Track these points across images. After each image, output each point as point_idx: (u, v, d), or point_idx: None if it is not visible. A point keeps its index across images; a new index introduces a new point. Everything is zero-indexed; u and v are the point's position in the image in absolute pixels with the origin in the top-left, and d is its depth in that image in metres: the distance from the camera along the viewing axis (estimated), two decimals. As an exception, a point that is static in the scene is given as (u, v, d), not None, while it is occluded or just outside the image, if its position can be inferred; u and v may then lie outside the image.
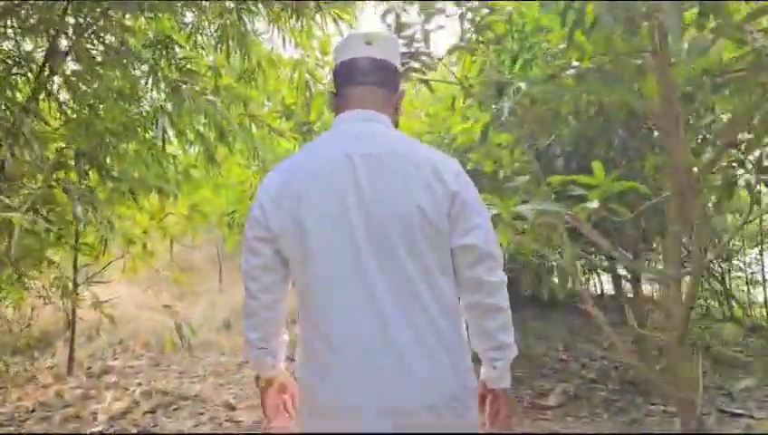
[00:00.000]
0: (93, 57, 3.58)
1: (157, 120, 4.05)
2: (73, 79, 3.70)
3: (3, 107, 3.26)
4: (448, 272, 1.28)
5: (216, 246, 8.98)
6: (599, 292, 8.94)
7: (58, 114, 4.04)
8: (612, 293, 6.76)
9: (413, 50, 2.68)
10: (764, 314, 6.59)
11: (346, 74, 1.38)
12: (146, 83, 4.03)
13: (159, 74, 3.91)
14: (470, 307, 1.30)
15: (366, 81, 1.36)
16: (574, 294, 4.15)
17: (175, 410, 4.02)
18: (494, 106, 2.58)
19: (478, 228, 1.26)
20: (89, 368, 5.27)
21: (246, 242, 1.32)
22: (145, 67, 3.97)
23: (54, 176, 4.45)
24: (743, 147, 2.27)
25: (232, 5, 3.96)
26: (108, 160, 4.60)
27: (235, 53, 4.33)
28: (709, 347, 4.85)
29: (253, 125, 4.36)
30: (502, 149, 3.19)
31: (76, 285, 5.10)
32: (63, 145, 4.04)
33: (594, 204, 2.18)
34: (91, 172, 5.08)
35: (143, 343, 5.97)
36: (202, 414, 3.92)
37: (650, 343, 4.13)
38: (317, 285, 1.25)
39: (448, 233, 1.25)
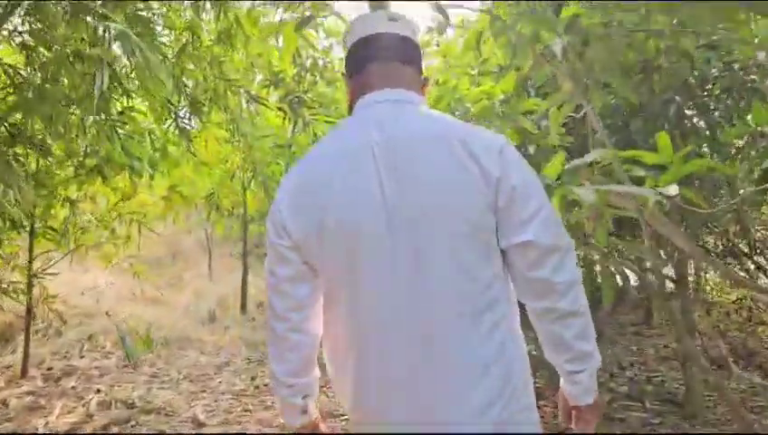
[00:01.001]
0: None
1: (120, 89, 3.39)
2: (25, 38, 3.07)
3: None
4: (498, 273, 1.12)
5: (204, 230, 8.34)
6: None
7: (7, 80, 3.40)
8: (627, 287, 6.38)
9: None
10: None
11: (367, 51, 1.22)
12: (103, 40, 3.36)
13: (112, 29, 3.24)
14: (539, 314, 1.14)
15: (391, 56, 1.21)
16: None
17: (132, 426, 3.40)
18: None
19: (535, 219, 1.09)
20: (49, 368, 4.66)
21: (272, 250, 1.17)
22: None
23: (12, 151, 3.91)
24: None
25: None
26: (72, 135, 3.99)
27: (211, 9, 3.68)
28: None
29: (229, 92, 3.67)
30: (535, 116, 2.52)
31: (31, 275, 4.48)
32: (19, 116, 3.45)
33: (672, 190, 1.51)
34: (53, 148, 4.51)
35: (115, 340, 5.36)
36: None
37: (701, 354, 3.48)
38: (341, 298, 1.13)
39: (496, 228, 1.10)
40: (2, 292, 4.34)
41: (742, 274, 3.96)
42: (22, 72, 3.34)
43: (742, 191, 1.94)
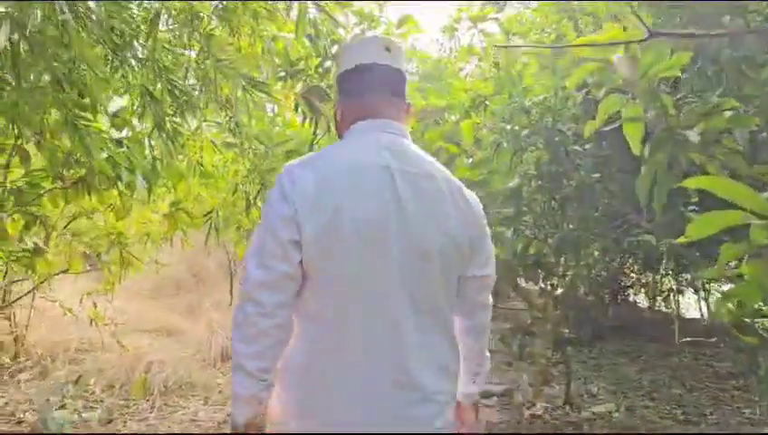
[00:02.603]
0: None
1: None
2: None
3: None
4: (454, 297, 1.32)
5: (226, 252, 7.53)
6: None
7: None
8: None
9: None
10: None
11: (363, 80, 1.33)
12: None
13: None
14: (470, 329, 1.38)
15: (386, 89, 1.33)
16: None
17: None
18: None
19: (491, 258, 1.37)
20: (19, 420, 3.86)
21: (277, 244, 1.16)
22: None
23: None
24: None
25: None
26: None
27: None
28: None
29: (220, 76, 2.80)
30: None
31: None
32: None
33: None
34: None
35: (107, 384, 4.54)
36: None
37: None
38: (340, 304, 1.18)
39: (469, 261, 1.30)
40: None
41: None
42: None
43: None
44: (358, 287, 1.16)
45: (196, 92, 2.91)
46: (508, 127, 2.78)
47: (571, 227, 3.52)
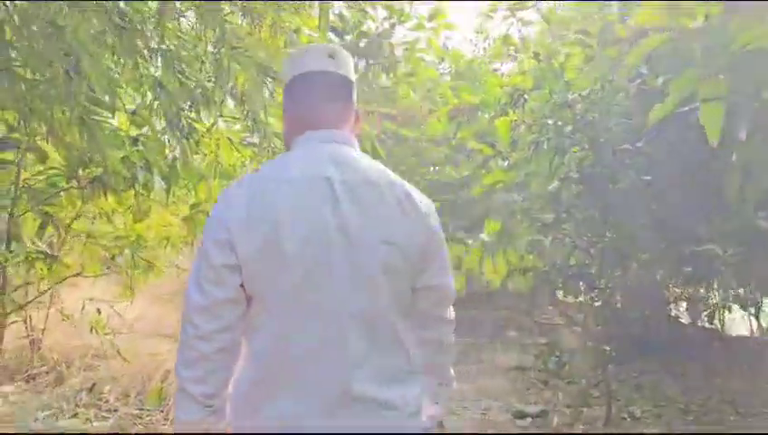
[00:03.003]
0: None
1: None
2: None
3: None
4: (409, 310, 1.26)
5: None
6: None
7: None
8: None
9: None
10: None
11: (306, 89, 1.31)
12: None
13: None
14: (427, 343, 1.32)
15: (331, 97, 1.30)
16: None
17: None
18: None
19: (447, 268, 1.30)
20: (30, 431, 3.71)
21: (210, 269, 1.15)
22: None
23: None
24: None
25: None
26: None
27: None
28: None
29: (235, 64, 2.59)
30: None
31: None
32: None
33: None
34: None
35: (122, 392, 4.37)
36: None
37: None
38: (285, 323, 1.15)
39: (419, 271, 1.23)
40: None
41: None
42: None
43: None
44: (301, 305, 1.15)
45: (211, 84, 2.71)
46: (550, 122, 2.51)
47: (615, 235, 3.22)
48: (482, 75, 4.45)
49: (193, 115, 2.94)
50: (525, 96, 2.79)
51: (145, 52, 2.62)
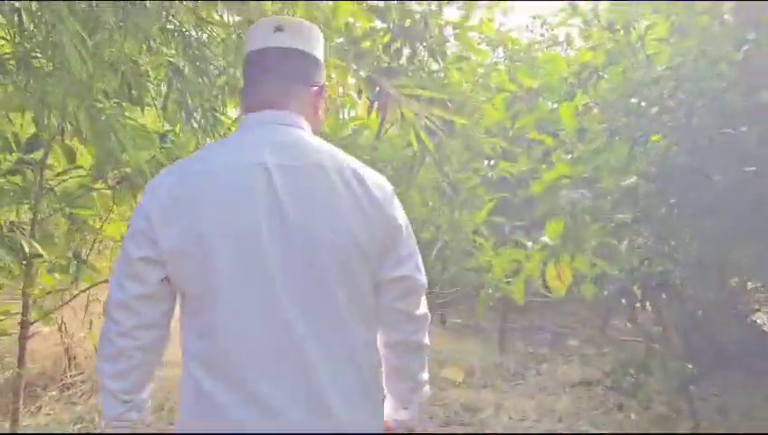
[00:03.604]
0: None
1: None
2: None
3: None
4: (373, 307, 1.18)
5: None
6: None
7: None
8: None
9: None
10: None
11: (255, 66, 1.21)
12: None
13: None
14: (394, 344, 1.24)
15: (277, 74, 1.18)
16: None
17: None
18: None
19: (411, 257, 1.20)
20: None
21: (127, 263, 1.10)
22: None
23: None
24: None
25: None
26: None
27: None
28: None
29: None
30: None
31: (25, 323, 3.37)
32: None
33: None
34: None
35: (157, 404, 4.15)
36: None
37: None
38: (217, 322, 1.07)
39: (378, 263, 1.15)
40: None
41: None
42: None
43: None
44: (234, 304, 1.06)
45: (233, 70, 2.41)
46: (634, 100, 2.06)
47: (704, 239, 2.73)
48: (541, 60, 4.03)
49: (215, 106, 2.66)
50: (600, 72, 2.34)
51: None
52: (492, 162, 3.67)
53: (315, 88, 1.23)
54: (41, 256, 3.39)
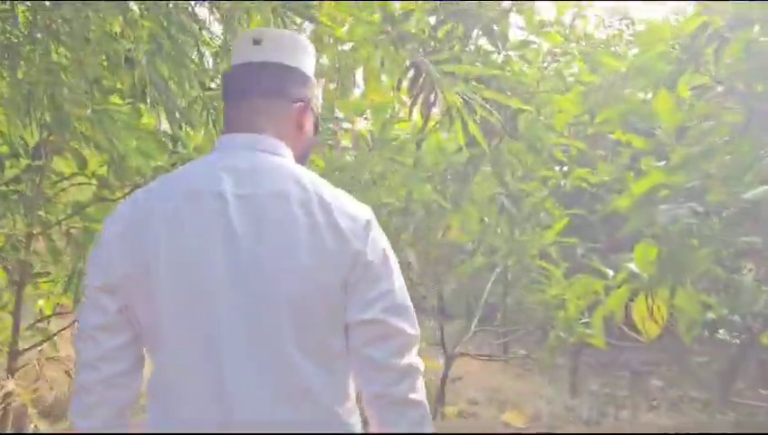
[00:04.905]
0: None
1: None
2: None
3: None
4: (340, 348, 1.09)
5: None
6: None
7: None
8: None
9: None
10: None
11: (231, 83, 1.17)
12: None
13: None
14: (372, 397, 1.12)
15: (252, 92, 1.14)
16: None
17: None
18: None
19: (383, 298, 1.08)
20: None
21: (89, 292, 1.11)
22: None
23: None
24: None
25: None
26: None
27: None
28: None
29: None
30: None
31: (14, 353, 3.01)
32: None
33: None
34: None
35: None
36: None
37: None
38: (159, 357, 1.07)
39: (345, 301, 1.08)
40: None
41: None
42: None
43: None
44: (175, 340, 1.02)
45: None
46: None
47: None
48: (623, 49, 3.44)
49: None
50: (725, 34, 1.69)
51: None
52: (564, 169, 3.18)
53: (299, 104, 1.15)
54: (37, 275, 3.13)
